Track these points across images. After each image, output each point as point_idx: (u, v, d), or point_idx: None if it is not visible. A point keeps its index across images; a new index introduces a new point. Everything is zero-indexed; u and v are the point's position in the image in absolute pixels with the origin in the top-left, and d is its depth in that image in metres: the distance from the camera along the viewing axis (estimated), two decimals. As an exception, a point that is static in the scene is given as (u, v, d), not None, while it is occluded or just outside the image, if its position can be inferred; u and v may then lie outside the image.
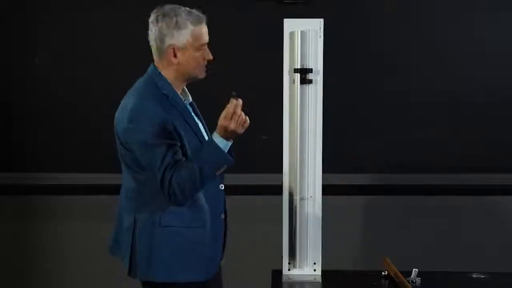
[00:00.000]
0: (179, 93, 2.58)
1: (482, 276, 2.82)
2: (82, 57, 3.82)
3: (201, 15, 2.54)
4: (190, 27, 2.51)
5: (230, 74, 3.71)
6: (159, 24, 2.49)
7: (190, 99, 2.66)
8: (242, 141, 3.81)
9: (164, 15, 2.50)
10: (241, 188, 3.56)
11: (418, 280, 2.70)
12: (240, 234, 3.76)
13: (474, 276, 2.83)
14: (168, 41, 2.50)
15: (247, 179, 3.66)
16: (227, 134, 2.43)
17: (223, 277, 2.74)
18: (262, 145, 3.76)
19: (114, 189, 2.88)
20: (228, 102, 2.41)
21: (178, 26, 2.49)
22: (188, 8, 2.53)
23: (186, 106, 2.60)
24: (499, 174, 3.84)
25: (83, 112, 3.84)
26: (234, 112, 2.40)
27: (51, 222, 3.95)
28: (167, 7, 2.52)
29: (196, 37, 2.52)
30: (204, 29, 2.55)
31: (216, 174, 2.45)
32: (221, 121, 2.41)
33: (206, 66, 2.59)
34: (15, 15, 3.81)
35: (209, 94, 3.56)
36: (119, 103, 2.64)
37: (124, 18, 3.75)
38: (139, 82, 2.57)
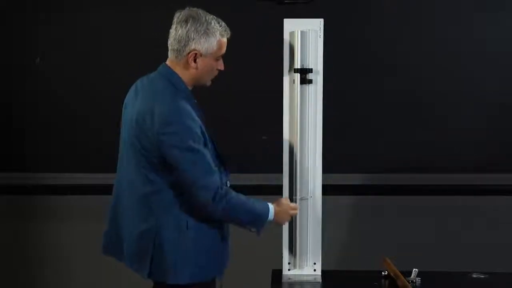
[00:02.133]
0: None
1: (482, 276, 2.83)
2: (82, 57, 3.82)
3: (227, 27, 2.53)
4: (218, 37, 2.50)
5: (230, 74, 3.71)
6: (188, 27, 2.46)
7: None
8: (242, 141, 3.84)
9: (194, 19, 2.47)
10: (241, 188, 3.55)
11: (418, 280, 2.70)
12: (240, 234, 3.76)
13: (474, 276, 2.84)
14: (193, 46, 2.47)
15: (247, 179, 3.66)
16: (276, 220, 2.64)
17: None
18: (262, 145, 3.76)
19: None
20: None
21: (207, 33, 2.47)
22: (215, 16, 2.52)
23: (198, 108, 2.60)
24: (499, 174, 3.84)
25: (83, 112, 3.84)
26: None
27: (51, 222, 3.95)
28: (197, 10, 2.50)
29: (220, 47, 2.53)
30: (226, 41, 2.55)
31: (246, 227, 2.59)
32: (284, 217, 2.66)
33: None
34: (15, 15, 3.81)
35: (209, 93, 3.56)
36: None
37: (124, 18, 3.75)
38: (159, 84, 2.51)
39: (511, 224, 3.91)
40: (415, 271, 2.73)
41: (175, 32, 2.49)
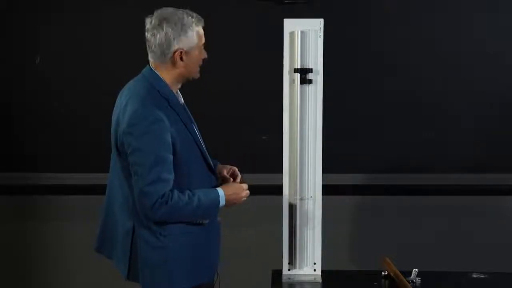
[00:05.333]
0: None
1: (482, 276, 2.83)
2: (82, 57, 3.82)
3: (198, 16, 2.53)
4: (195, 29, 2.50)
5: (230, 74, 3.72)
6: (165, 29, 2.46)
7: (182, 100, 2.63)
8: (242, 141, 3.84)
9: (168, 20, 2.47)
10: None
11: (418, 280, 2.70)
12: (240, 234, 3.77)
13: (474, 276, 2.83)
14: (176, 46, 2.47)
15: (247, 179, 3.65)
16: (228, 204, 2.60)
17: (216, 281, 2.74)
18: (262, 145, 3.76)
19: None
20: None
21: (184, 30, 2.47)
22: (184, 10, 2.52)
23: (185, 109, 2.60)
24: (499, 174, 3.84)
25: (83, 112, 3.84)
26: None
27: (51, 222, 3.95)
28: (167, 11, 2.50)
29: (200, 37, 2.53)
30: (202, 30, 2.55)
31: (197, 221, 2.55)
32: (236, 200, 2.62)
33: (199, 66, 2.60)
34: (15, 15, 3.81)
35: (209, 93, 3.56)
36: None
37: (124, 18, 3.75)
38: (139, 86, 2.53)
39: (511, 224, 3.91)
40: (415, 271, 2.73)
41: (154, 38, 2.49)
